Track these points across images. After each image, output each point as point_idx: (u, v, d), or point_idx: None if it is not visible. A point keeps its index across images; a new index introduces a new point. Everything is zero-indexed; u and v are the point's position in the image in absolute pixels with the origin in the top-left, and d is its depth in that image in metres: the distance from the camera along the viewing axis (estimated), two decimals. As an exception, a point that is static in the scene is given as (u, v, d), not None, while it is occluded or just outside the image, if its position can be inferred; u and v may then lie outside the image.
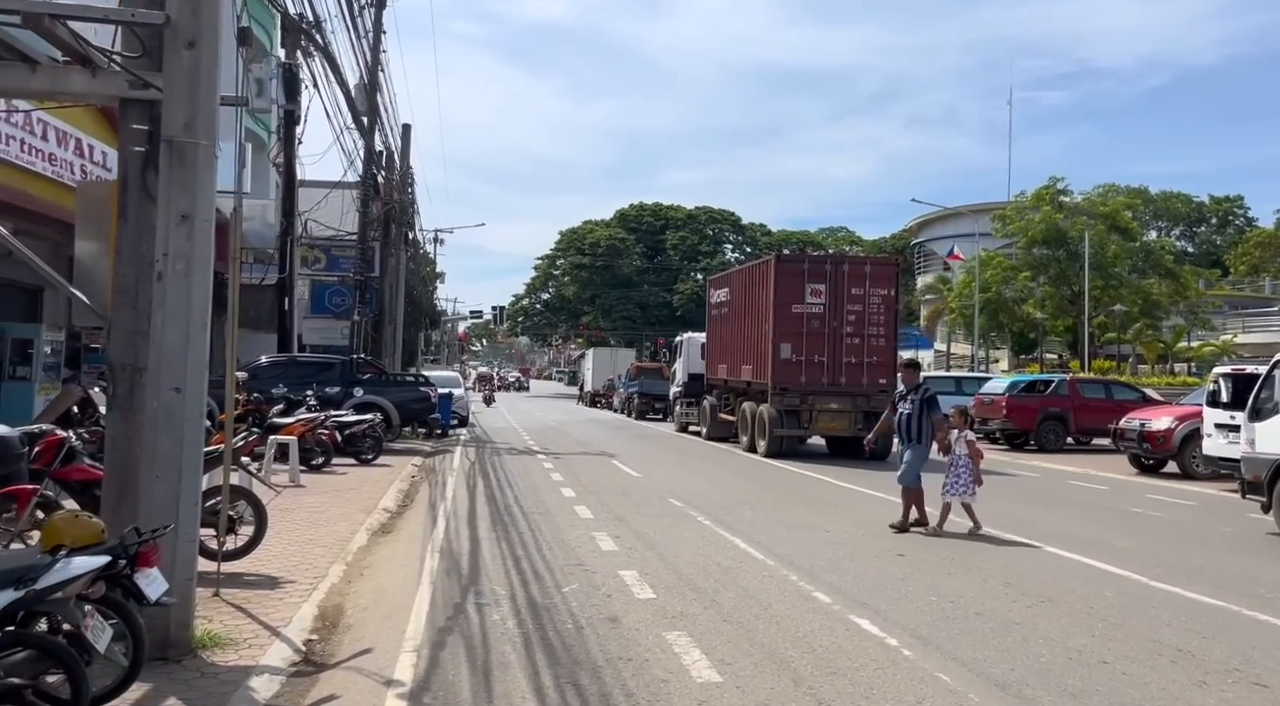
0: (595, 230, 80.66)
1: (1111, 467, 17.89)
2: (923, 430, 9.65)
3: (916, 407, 9.70)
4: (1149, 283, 40.08)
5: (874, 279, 18.07)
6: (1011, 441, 23.48)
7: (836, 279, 17.90)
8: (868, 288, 17.94)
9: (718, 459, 18.30)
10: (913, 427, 9.72)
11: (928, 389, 9.90)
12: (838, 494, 12.63)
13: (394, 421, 17.51)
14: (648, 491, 12.29)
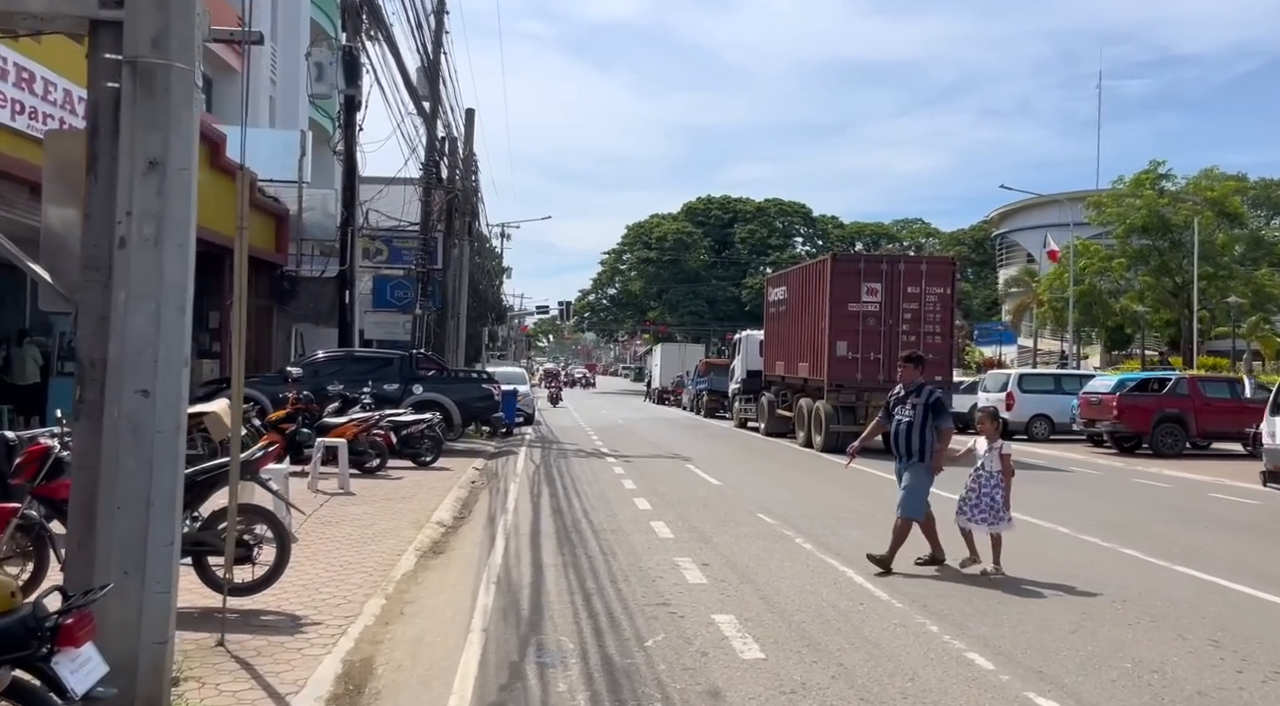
0: (662, 224, 79.34)
1: (1246, 477, 15.88)
2: (926, 443, 7.43)
3: (919, 414, 7.47)
4: (1262, 273, 37.00)
5: (930, 278, 18.42)
6: (1121, 445, 21.44)
7: (892, 278, 18.30)
8: (924, 286, 18.28)
9: (795, 460, 17.09)
10: (913, 440, 7.45)
11: (934, 391, 7.68)
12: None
13: (455, 420, 16.46)
14: (731, 503, 10.91)
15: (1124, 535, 9.23)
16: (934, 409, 7.49)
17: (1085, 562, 7.87)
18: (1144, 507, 11.80)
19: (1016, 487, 7.60)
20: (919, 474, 7.42)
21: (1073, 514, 10.77)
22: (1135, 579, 7.27)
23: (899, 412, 7.67)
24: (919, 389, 7.64)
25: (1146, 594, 6.72)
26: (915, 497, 7.39)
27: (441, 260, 22.29)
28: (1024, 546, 8.20)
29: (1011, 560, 7.33)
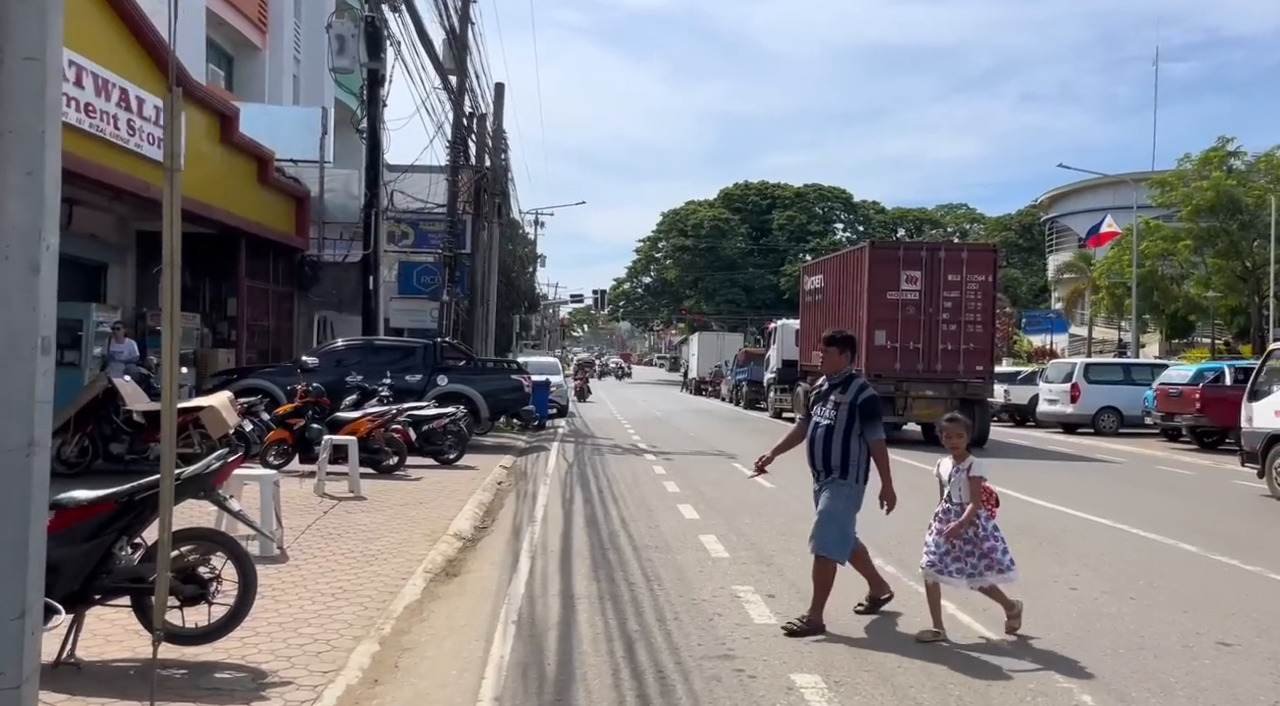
0: (698, 211, 77.80)
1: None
2: (851, 456, 5.33)
3: (843, 416, 5.33)
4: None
5: (971, 265, 18.03)
6: (1202, 441, 19.75)
7: (932, 266, 17.88)
8: (965, 274, 17.90)
9: None
10: (833, 451, 5.36)
11: (864, 387, 5.46)
12: (1028, 512, 9.63)
13: (482, 414, 15.29)
14: (789, 511, 9.57)
15: (1258, 550, 7.79)
16: (863, 411, 5.29)
17: (1233, 591, 6.46)
18: (1259, 515, 10.28)
19: (1084, 488, 6.19)
20: (840, 496, 5.35)
21: (1187, 527, 9.31)
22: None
23: (817, 413, 5.51)
24: (846, 382, 5.42)
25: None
26: (834, 528, 5.33)
27: (470, 244, 21.09)
28: (1128, 557, 6.80)
29: (1152, 595, 5.93)
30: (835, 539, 5.37)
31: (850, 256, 20.33)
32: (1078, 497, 11.14)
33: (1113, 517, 9.58)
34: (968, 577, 5.20)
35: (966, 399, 17.80)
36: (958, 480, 5.29)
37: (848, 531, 5.45)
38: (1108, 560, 7.51)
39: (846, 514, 5.41)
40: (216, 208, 15.58)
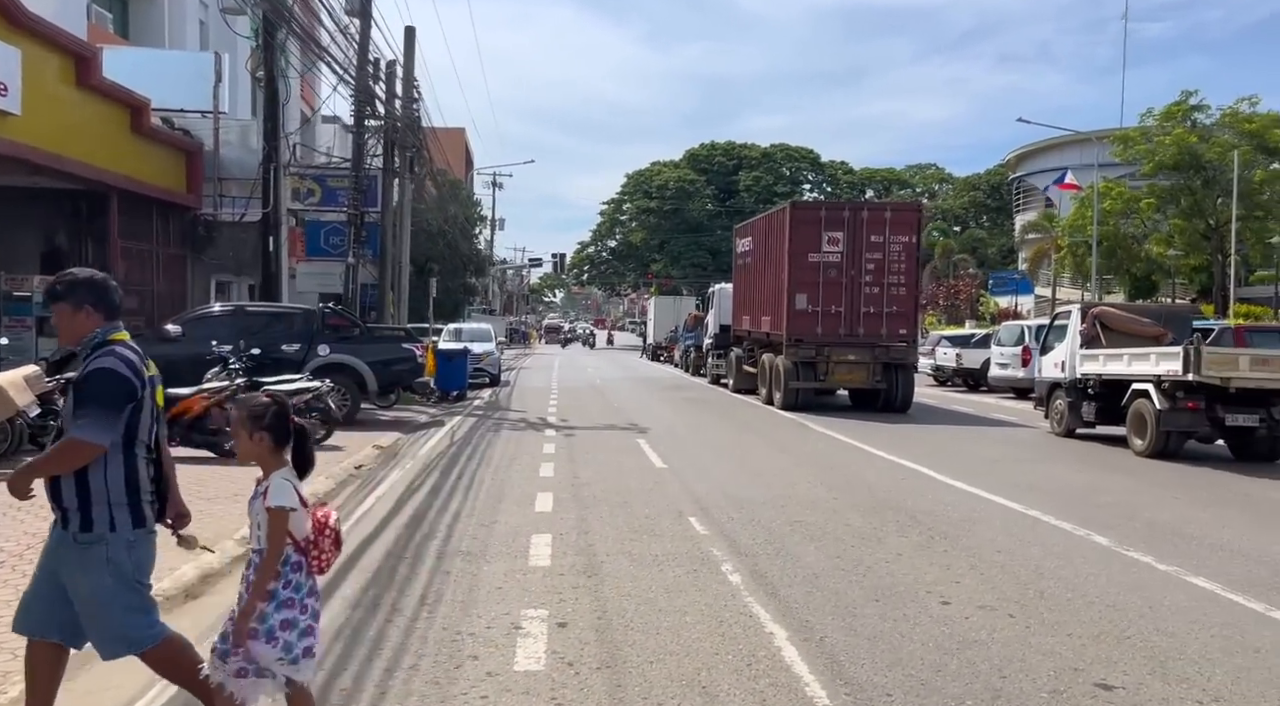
0: (663, 172, 76.11)
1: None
2: (90, 486, 3.11)
3: (68, 410, 3.22)
4: (1305, 212, 33.80)
5: (894, 226, 17.50)
6: (1154, 405, 18.80)
7: (855, 226, 17.41)
8: (888, 235, 17.38)
9: (754, 423, 15.12)
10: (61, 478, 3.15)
11: (106, 353, 3.16)
12: (936, 495, 8.50)
13: (370, 386, 13.97)
14: (664, 499, 8.42)
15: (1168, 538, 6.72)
16: (77, 394, 3.16)
17: (1139, 603, 5.34)
18: (1189, 493, 9.24)
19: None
20: (92, 570, 3.12)
21: (1106, 512, 8.23)
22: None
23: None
24: (92, 349, 3.22)
25: None
26: (112, 621, 3.16)
27: (381, 202, 19.59)
28: (1055, 569, 5.68)
29: (1047, 613, 4.78)
30: (123, 632, 3.19)
31: (774, 217, 19.37)
32: (997, 475, 10.07)
33: (1027, 501, 8.49)
34: (268, 677, 3.08)
35: (889, 363, 17.53)
36: (256, 510, 3.16)
37: (140, 612, 3.21)
38: (1003, 558, 6.40)
39: (120, 593, 3.14)
40: (70, 159, 14.03)
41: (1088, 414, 13.69)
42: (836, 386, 18.13)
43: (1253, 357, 11.69)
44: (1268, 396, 11.47)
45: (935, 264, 53.87)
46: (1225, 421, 11.65)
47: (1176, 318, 15.09)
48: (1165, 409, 11.75)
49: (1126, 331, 13.68)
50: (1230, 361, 11.51)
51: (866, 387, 17.85)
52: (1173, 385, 11.73)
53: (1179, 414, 11.70)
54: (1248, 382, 11.29)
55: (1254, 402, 11.51)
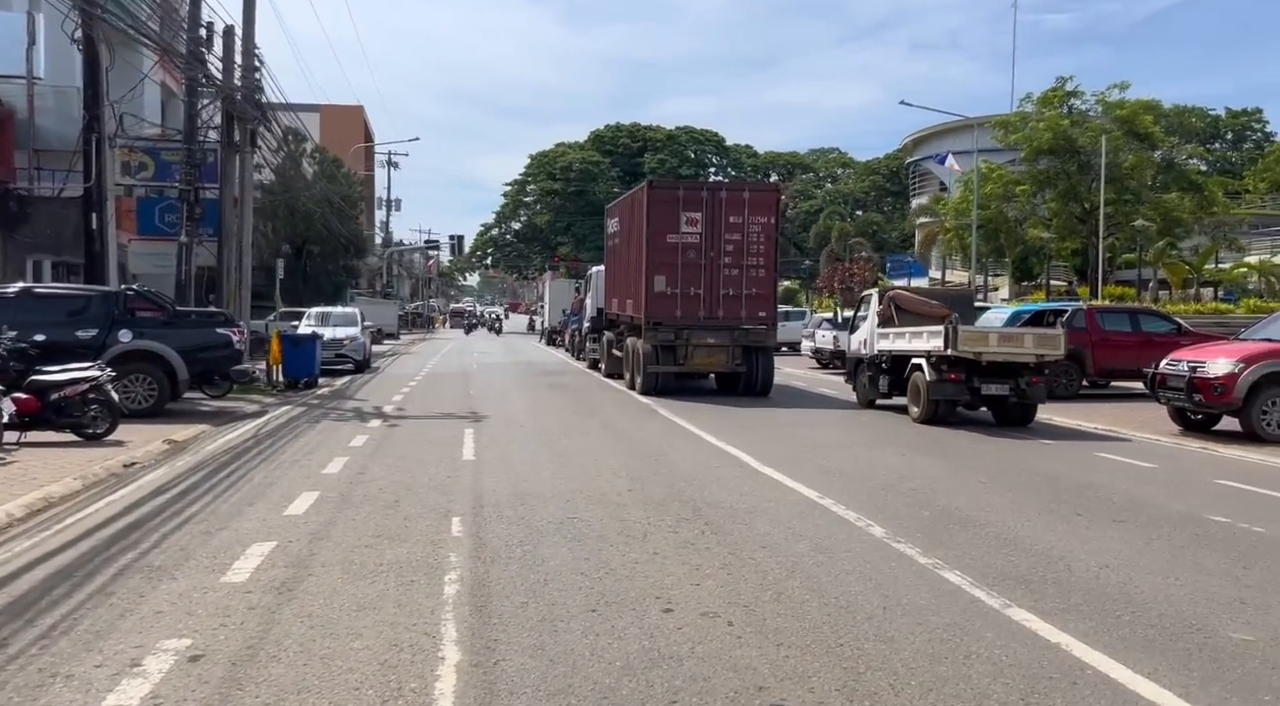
0: (567, 153, 75.21)
1: (1146, 423, 13.49)
2: None
3: None
4: (1170, 197, 35.02)
5: (753, 207, 17.17)
6: (1011, 386, 19.02)
7: (714, 207, 17.03)
8: (747, 216, 17.04)
9: (604, 409, 14.31)
10: None
11: None
12: (739, 485, 8.09)
13: (180, 376, 12.91)
14: (443, 497, 7.82)
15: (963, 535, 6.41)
16: None
17: (875, 606, 4.95)
18: (1012, 487, 9.06)
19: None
20: None
21: (898, 499, 7.94)
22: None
23: None
24: None
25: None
26: None
27: (220, 178, 18.30)
28: (808, 567, 5.25)
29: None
30: None
31: (635, 197, 18.82)
32: (816, 461, 9.76)
33: (828, 488, 8.15)
34: None
35: (749, 346, 17.30)
36: None
37: None
38: (763, 555, 5.98)
39: None
40: None
41: (883, 386, 15.13)
42: (696, 370, 17.76)
43: (1000, 335, 13.67)
44: (1016, 369, 13.12)
45: (832, 247, 54.37)
46: (982, 391, 13.21)
47: (962, 300, 16.91)
48: (934, 380, 13.32)
49: (918, 312, 14.80)
50: (982, 338, 13.24)
51: (726, 371, 17.57)
52: (938, 359, 13.23)
53: (944, 385, 13.25)
54: (997, 356, 12.99)
55: (1005, 374, 13.13)
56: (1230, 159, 75.52)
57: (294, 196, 33.53)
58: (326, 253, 36.18)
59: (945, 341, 12.88)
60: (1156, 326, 18.82)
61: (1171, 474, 9.59)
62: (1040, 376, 13.47)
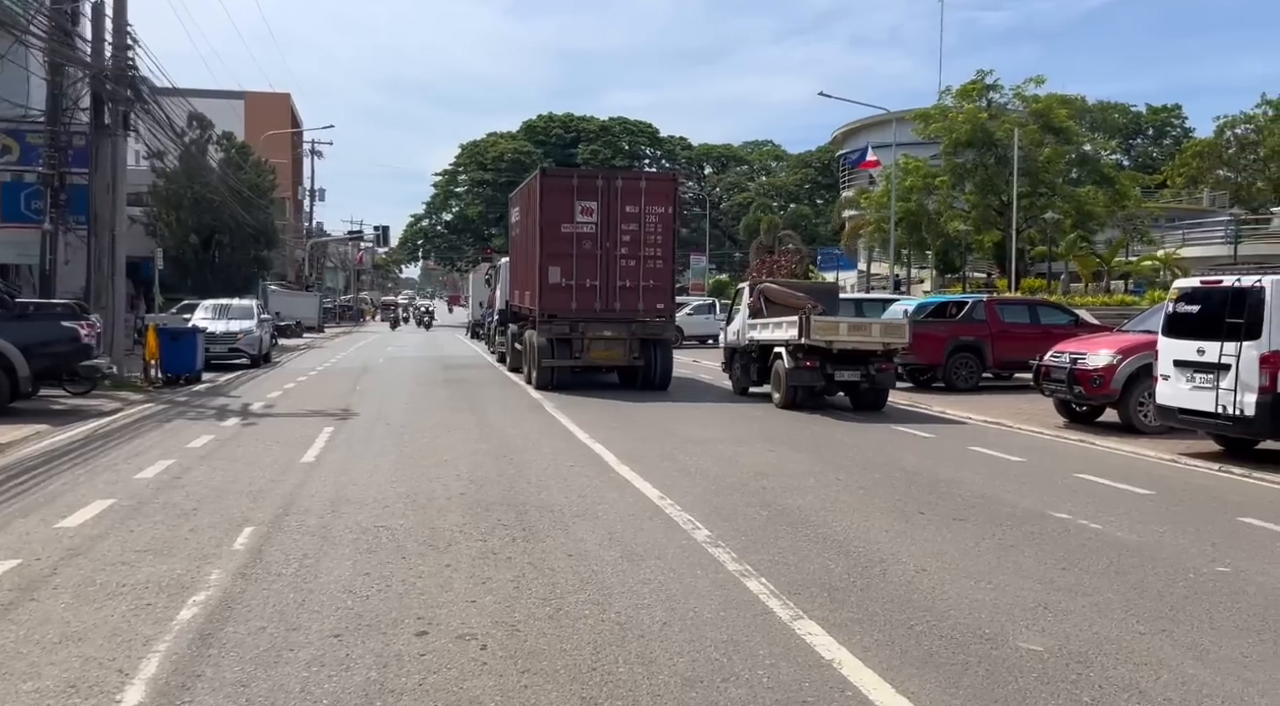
0: (499, 143, 73.94)
1: (1034, 416, 13.45)
2: None
3: None
4: (1084, 190, 35.63)
5: (650, 196, 16.77)
6: (917, 379, 18.98)
7: (609, 196, 16.60)
8: (644, 206, 16.64)
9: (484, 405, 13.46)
10: None
11: None
12: (577, 479, 7.67)
13: (20, 373, 12.02)
14: (250, 505, 7.26)
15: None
16: None
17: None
18: (849, 473, 8.79)
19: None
20: None
21: (738, 498, 7.59)
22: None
23: None
24: None
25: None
26: None
27: (91, 162, 17.23)
28: (584, 588, 4.82)
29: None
30: None
31: (531, 185, 18.26)
32: (677, 459, 9.40)
33: (674, 488, 7.78)
34: None
35: (646, 339, 16.92)
36: None
37: None
38: (567, 564, 5.57)
39: None
40: None
41: (753, 374, 15.84)
42: (592, 364, 17.25)
43: (850, 324, 14.41)
44: (865, 356, 13.94)
45: (761, 240, 54.44)
46: (835, 377, 14.00)
47: (827, 293, 17.75)
48: (792, 367, 14.08)
49: (785, 304, 15.25)
50: (832, 328, 13.93)
51: (624, 365, 17.16)
52: (795, 348, 14.02)
53: (801, 371, 14.01)
54: (847, 345, 13.80)
55: (856, 362, 13.94)
56: (1151, 154, 77.69)
57: (199, 185, 32.20)
58: (236, 243, 34.85)
59: (800, 331, 13.66)
60: (1055, 319, 18.90)
61: (1034, 468, 9.43)
62: (889, 363, 14.33)
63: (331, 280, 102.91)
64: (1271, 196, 46.06)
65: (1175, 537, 6.53)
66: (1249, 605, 5.05)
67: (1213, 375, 9.95)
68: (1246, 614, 4.90)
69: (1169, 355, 10.64)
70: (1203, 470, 9.48)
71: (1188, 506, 7.62)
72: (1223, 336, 9.81)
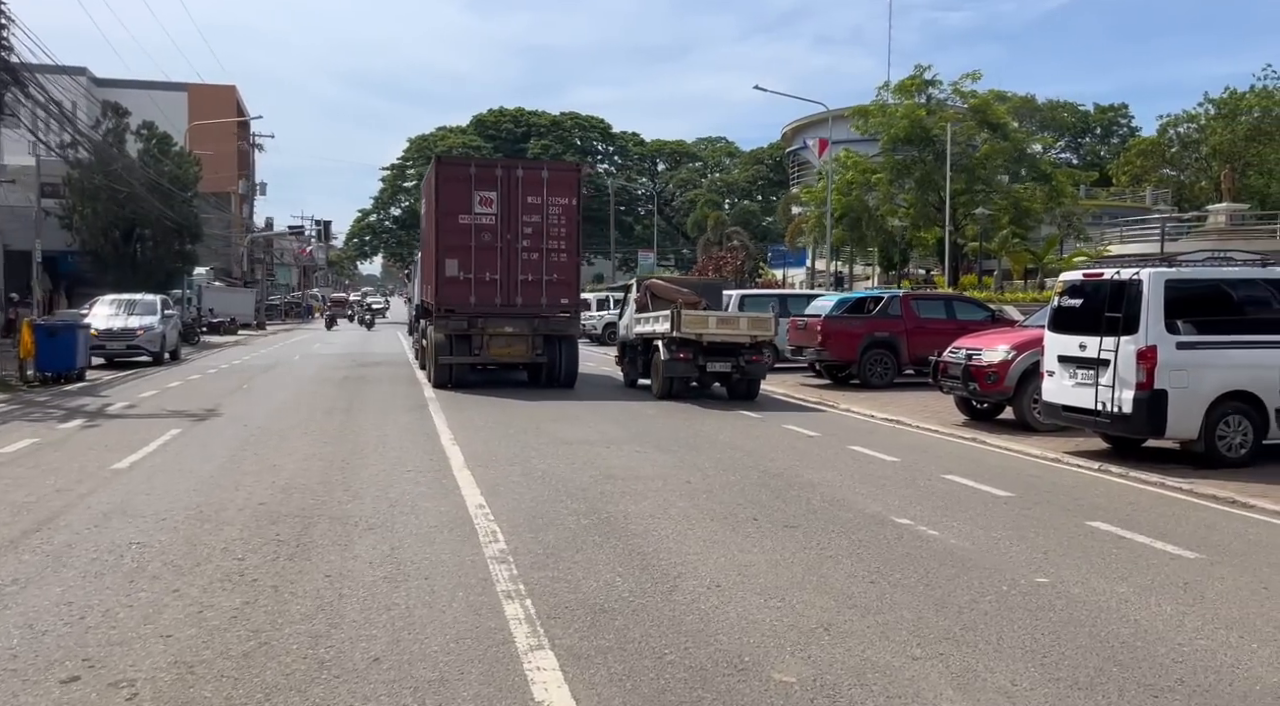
0: (448, 137, 72.88)
1: (938, 414, 13.08)
2: None
3: None
4: (1020, 187, 35.63)
5: (553, 187, 16.15)
6: (834, 375, 18.60)
7: (509, 186, 15.96)
8: (546, 196, 16.05)
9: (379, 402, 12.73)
10: None
11: None
12: (408, 487, 7.04)
13: None
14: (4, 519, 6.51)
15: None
16: None
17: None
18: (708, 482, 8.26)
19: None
20: None
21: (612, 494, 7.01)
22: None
23: None
24: None
25: None
26: None
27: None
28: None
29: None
30: None
31: (429, 175, 17.66)
32: (530, 461, 8.80)
33: (499, 495, 7.18)
34: None
35: (550, 335, 16.31)
36: None
37: None
38: (318, 586, 4.96)
39: None
40: None
41: (640, 367, 16.22)
42: (493, 361, 16.59)
43: (719, 318, 14.82)
44: (735, 349, 14.44)
45: (708, 236, 54.06)
46: (708, 368, 14.52)
47: (712, 288, 18.21)
48: (667, 359, 14.58)
49: (670, 299, 15.49)
50: (702, 321, 14.40)
51: (526, 362, 16.54)
52: (669, 341, 14.49)
53: (676, 363, 14.51)
54: (716, 337, 14.30)
55: (727, 354, 14.44)
56: (1099, 153, 78.60)
57: (105, 176, 30.94)
58: (159, 238, 33.58)
59: (672, 324, 14.23)
60: (971, 314, 18.58)
61: (904, 469, 8.97)
62: (760, 355, 14.71)
63: (285, 277, 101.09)
64: (1214, 195, 46.57)
65: (1009, 545, 6.07)
66: (1048, 622, 4.57)
67: (1093, 371, 9.58)
68: (1040, 632, 4.42)
69: (1054, 350, 10.26)
70: (1077, 470, 9.09)
71: (1041, 510, 7.18)
72: (1102, 331, 9.44)
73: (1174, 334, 9.08)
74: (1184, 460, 9.18)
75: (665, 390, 14.82)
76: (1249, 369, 9.13)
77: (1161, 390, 8.99)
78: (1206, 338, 9.23)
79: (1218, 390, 9.08)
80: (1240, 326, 9.27)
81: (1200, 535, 6.45)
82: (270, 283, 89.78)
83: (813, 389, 17.22)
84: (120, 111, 32.86)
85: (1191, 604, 4.91)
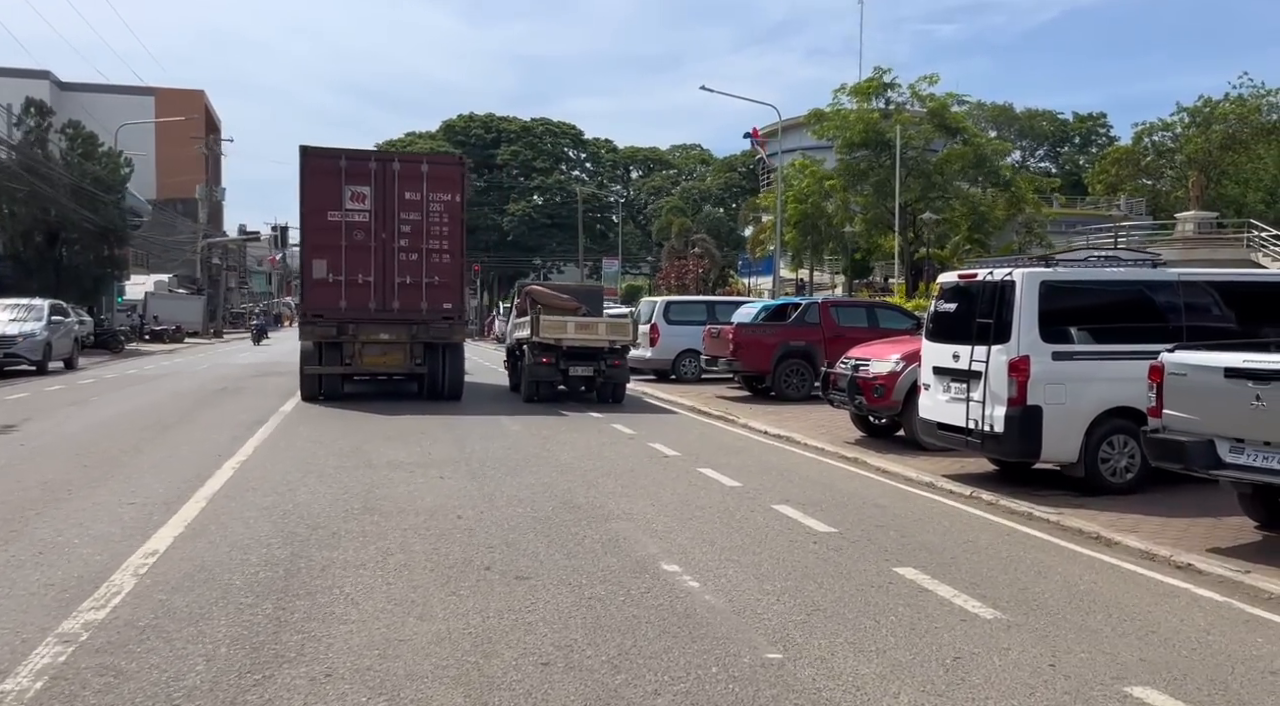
0: (416, 142, 71.57)
1: (834, 430, 11.87)
2: None
3: None
4: (978, 192, 34.60)
5: (434, 182, 14.97)
6: (752, 387, 17.44)
7: (385, 181, 14.78)
8: (426, 192, 14.89)
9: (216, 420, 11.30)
10: None
11: None
12: (231, 511, 5.78)
13: None
14: None
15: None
16: None
17: None
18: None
19: None
20: None
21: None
22: None
23: None
24: None
25: None
26: None
27: None
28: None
29: None
30: None
31: (298, 168, 16.28)
32: (307, 487, 7.52)
33: (212, 538, 5.91)
34: None
35: (431, 343, 15.09)
36: None
37: None
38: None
39: None
40: None
41: (518, 371, 16.32)
42: (367, 371, 15.38)
43: (577, 323, 14.77)
44: (596, 353, 14.62)
45: (673, 243, 52.92)
46: (569, 373, 14.71)
47: (592, 294, 18.32)
48: (530, 363, 14.82)
49: (552, 305, 15.41)
50: (561, 326, 14.47)
51: (405, 372, 15.30)
52: (532, 346, 14.64)
53: (539, 367, 14.68)
54: (575, 342, 14.42)
55: (588, 358, 14.63)
56: (1078, 162, 77.93)
57: (36, 177, 29.64)
58: (86, 242, 32.19)
59: (531, 329, 14.29)
60: (896, 323, 17.40)
61: (736, 497, 7.72)
62: (621, 359, 14.92)
63: (261, 285, 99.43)
64: (1190, 204, 45.69)
65: (775, 601, 4.83)
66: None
67: (965, 384, 8.38)
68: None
69: (929, 361, 9.08)
70: (938, 499, 7.88)
71: (853, 551, 5.95)
72: (973, 339, 8.24)
73: (1050, 343, 7.91)
74: (1072, 485, 7.99)
75: (530, 394, 15.02)
76: (1136, 382, 7.83)
77: (1035, 406, 7.81)
78: (1087, 347, 8.06)
79: (1099, 407, 7.90)
80: (1126, 334, 8.06)
81: (1020, 585, 5.24)
82: (244, 291, 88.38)
83: (725, 402, 16.02)
84: (44, 110, 31.55)
85: (940, 694, 3.68)
